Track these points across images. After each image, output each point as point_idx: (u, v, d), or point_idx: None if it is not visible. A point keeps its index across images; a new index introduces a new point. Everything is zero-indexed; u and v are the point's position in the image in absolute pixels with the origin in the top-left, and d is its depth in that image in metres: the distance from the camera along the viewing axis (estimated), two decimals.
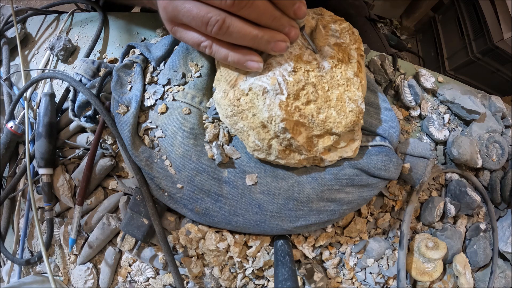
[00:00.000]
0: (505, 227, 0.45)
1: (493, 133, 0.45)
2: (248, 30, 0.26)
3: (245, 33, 0.26)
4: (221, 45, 0.27)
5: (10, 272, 0.42)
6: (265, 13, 0.25)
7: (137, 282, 0.38)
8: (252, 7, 0.25)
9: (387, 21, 1.63)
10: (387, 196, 0.41)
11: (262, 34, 0.26)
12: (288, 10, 0.26)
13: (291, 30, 0.27)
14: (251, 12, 0.25)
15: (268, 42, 0.27)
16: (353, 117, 0.30)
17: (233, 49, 0.27)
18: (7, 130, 0.40)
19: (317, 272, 0.37)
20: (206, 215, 0.33)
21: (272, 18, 0.26)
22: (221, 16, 0.25)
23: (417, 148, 0.39)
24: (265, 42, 0.27)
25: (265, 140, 0.30)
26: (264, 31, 0.26)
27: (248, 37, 0.26)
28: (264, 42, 0.27)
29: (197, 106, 0.34)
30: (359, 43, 0.33)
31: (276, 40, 0.27)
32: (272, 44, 0.27)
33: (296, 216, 0.33)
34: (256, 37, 0.26)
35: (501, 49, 1.15)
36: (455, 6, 1.37)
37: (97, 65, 0.39)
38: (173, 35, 0.29)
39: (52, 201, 0.38)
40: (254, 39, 0.26)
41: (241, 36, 0.26)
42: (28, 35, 0.50)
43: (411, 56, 1.61)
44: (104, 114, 0.34)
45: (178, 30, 0.28)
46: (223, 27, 0.25)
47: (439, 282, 0.42)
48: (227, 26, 0.25)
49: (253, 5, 0.24)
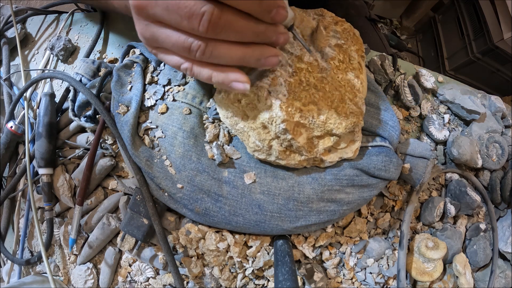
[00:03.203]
0: (505, 227, 0.45)
1: (493, 133, 0.45)
2: (233, 51, 0.24)
3: (231, 55, 0.24)
4: (203, 66, 0.25)
5: (10, 272, 0.42)
6: (245, 31, 0.23)
7: (137, 282, 0.38)
8: (230, 29, 0.22)
9: (387, 21, 1.63)
10: (387, 196, 0.41)
11: (250, 52, 0.24)
12: (266, 19, 0.23)
13: (279, 38, 0.25)
14: (229, 34, 0.23)
15: (258, 59, 0.25)
16: (353, 118, 0.30)
17: (216, 68, 0.25)
18: (7, 130, 0.40)
19: (317, 272, 0.37)
20: (206, 215, 0.33)
21: (255, 34, 0.24)
22: (202, 41, 0.23)
23: (417, 148, 0.39)
24: (255, 60, 0.25)
25: (266, 141, 0.30)
26: (252, 48, 0.24)
27: (234, 58, 0.24)
28: (254, 60, 0.25)
29: (197, 106, 0.34)
30: (360, 44, 0.33)
31: (266, 57, 0.25)
32: (263, 60, 0.25)
33: (296, 216, 0.33)
34: (244, 56, 0.24)
35: (501, 49, 1.15)
36: (455, 6, 1.37)
37: (97, 65, 0.39)
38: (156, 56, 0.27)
39: (52, 201, 0.38)
40: (242, 59, 0.24)
41: (227, 58, 0.24)
42: (28, 35, 0.49)
43: (411, 56, 1.61)
44: (104, 114, 0.34)
45: (158, 53, 0.27)
46: (206, 52, 0.23)
47: (439, 282, 0.42)
48: (210, 50, 0.23)
49: (230, 27, 0.22)
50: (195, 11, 0.21)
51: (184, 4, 0.22)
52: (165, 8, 0.22)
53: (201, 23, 0.22)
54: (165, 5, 0.22)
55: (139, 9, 0.24)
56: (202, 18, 0.22)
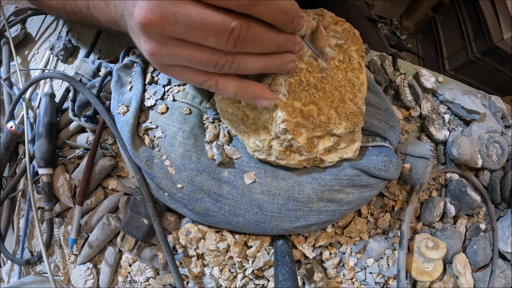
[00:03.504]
0: (505, 227, 0.45)
1: (493, 133, 0.45)
2: (258, 62, 0.25)
3: (256, 66, 0.25)
4: (227, 83, 0.26)
5: (10, 272, 0.42)
6: (271, 44, 0.24)
7: (137, 282, 0.38)
8: (258, 42, 0.23)
9: (387, 21, 1.63)
10: (387, 196, 0.41)
11: (272, 60, 0.25)
12: (288, 29, 0.24)
13: (295, 47, 0.26)
14: (256, 47, 0.24)
15: (278, 66, 0.26)
16: (353, 118, 0.30)
17: (240, 85, 0.26)
18: (7, 130, 0.40)
19: (317, 272, 0.37)
20: (206, 215, 0.33)
21: (277, 45, 0.25)
22: (229, 56, 0.23)
23: (417, 148, 0.39)
24: (276, 67, 0.26)
25: (266, 141, 0.30)
26: (273, 58, 0.26)
27: (258, 68, 0.25)
28: (275, 67, 0.26)
29: (197, 106, 0.34)
30: (360, 44, 0.33)
31: (286, 63, 0.26)
32: (282, 66, 0.26)
33: (296, 216, 0.33)
34: (267, 66, 0.25)
35: (501, 49, 1.15)
36: (455, 6, 1.37)
37: (97, 65, 0.39)
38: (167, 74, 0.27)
39: (52, 201, 0.38)
40: (265, 68, 0.25)
41: (252, 70, 0.25)
42: (28, 35, 0.49)
43: (411, 56, 1.61)
44: (104, 114, 0.34)
45: (173, 71, 0.26)
46: (233, 65, 0.24)
47: (439, 282, 0.42)
48: (237, 64, 0.24)
49: (258, 40, 0.23)
50: (224, 28, 0.21)
51: (211, 21, 0.21)
52: (188, 25, 0.21)
53: (230, 39, 0.22)
54: (187, 22, 0.21)
55: (150, 27, 0.22)
56: (231, 34, 0.21)
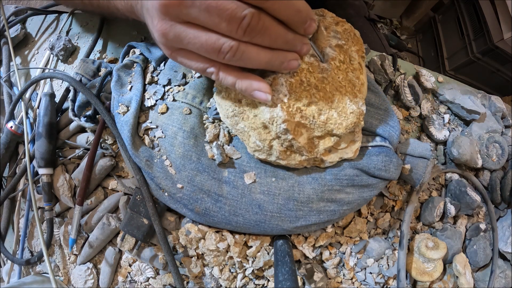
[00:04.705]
0: (505, 227, 0.45)
1: (493, 133, 0.45)
2: (262, 55, 0.25)
3: (259, 59, 0.25)
4: (228, 72, 0.26)
5: (10, 272, 0.42)
6: (279, 38, 0.24)
7: (137, 282, 0.38)
8: (266, 34, 0.23)
9: (387, 21, 1.63)
10: (387, 196, 0.41)
11: (276, 57, 0.25)
12: (299, 30, 0.25)
13: (303, 48, 0.26)
14: (264, 39, 0.24)
15: (281, 63, 0.26)
16: (353, 118, 0.30)
17: (241, 76, 0.26)
18: (7, 130, 0.40)
19: (317, 272, 0.37)
20: (206, 215, 0.33)
21: (285, 41, 0.25)
22: (234, 43, 0.23)
23: (417, 148, 0.39)
24: (279, 64, 0.26)
25: (266, 141, 0.30)
26: (277, 53, 0.25)
27: (262, 62, 0.25)
28: (278, 64, 0.26)
29: (197, 106, 0.34)
30: (360, 44, 0.33)
31: (289, 60, 0.26)
32: (285, 64, 0.26)
33: (296, 216, 0.33)
34: (270, 61, 0.25)
35: (501, 49, 1.15)
36: (455, 6, 1.37)
37: (97, 65, 0.39)
38: (173, 59, 0.27)
39: (52, 201, 0.38)
40: (267, 63, 0.25)
41: (255, 62, 0.25)
42: (28, 35, 0.49)
43: (411, 56, 1.61)
44: (104, 114, 0.34)
45: (179, 55, 0.27)
46: (236, 54, 0.24)
47: (439, 282, 0.42)
48: (242, 52, 0.24)
49: (267, 32, 0.23)
50: (237, 13, 0.22)
51: (226, 6, 0.22)
52: (204, 8, 0.22)
53: (240, 26, 0.22)
54: (204, 6, 0.22)
55: (168, 7, 0.23)
56: (242, 21, 0.22)
